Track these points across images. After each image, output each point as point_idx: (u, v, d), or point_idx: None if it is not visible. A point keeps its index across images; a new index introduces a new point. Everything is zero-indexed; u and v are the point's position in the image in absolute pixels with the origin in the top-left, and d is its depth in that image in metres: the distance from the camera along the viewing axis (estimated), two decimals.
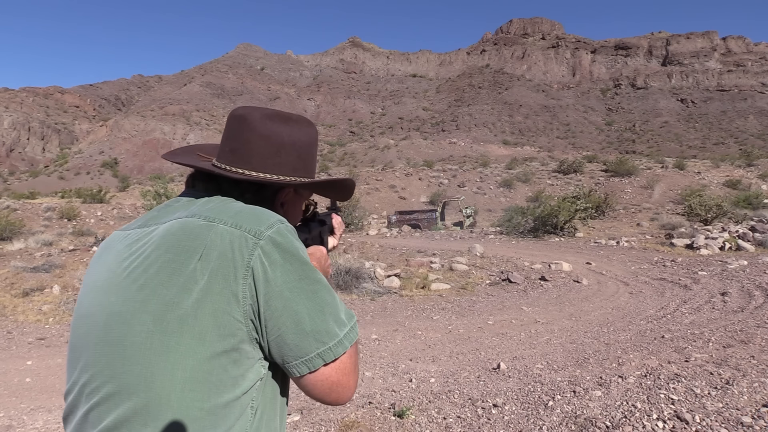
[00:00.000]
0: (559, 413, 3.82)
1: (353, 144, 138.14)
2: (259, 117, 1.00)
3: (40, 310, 8.48)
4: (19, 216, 23.16)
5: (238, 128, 1.01)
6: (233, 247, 0.86)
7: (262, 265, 0.86)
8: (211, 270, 0.84)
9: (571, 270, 11.14)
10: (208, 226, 0.89)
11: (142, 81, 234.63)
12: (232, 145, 1.01)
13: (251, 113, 1.01)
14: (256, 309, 0.85)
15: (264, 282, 0.85)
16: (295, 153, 1.03)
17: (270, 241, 0.87)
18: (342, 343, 0.89)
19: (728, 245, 13.29)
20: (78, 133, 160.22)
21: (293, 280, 0.87)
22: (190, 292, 0.84)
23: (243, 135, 1.00)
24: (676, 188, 33.72)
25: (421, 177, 43.43)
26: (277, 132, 1.01)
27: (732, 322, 6.52)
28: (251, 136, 1.00)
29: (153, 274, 0.87)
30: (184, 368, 0.82)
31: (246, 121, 1.00)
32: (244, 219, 0.90)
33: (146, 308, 0.85)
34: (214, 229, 0.88)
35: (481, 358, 5.64)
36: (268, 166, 1.00)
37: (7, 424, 4.22)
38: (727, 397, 3.84)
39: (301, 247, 0.92)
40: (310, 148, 1.06)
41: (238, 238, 0.87)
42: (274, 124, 1.01)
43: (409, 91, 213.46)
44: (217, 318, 0.83)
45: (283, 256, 0.88)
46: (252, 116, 1.00)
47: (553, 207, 17.74)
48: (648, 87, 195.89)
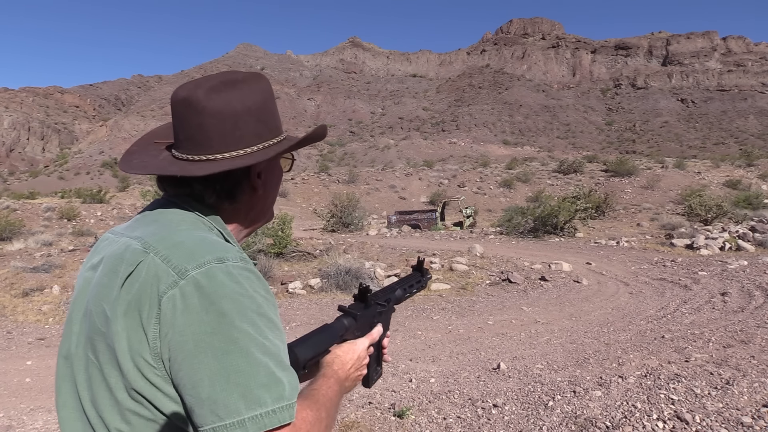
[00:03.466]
0: (559, 413, 3.82)
1: (353, 144, 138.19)
2: (203, 94, 0.89)
3: (40, 310, 8.48)
4: (19, 216, 23.17)
5: (186, 113, 0.91)
6: (155, 281, 0.77)
7: (173, 308, 0.75)
8: (128, 302, 0.78)
9: (571, 270, 11.13)
10: (143, 253, 0.81)
11: (142, 81, 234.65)
12: (187, 133, 0.92)
13: (194, 93, 0.90)
14: (163, 354, 0.76)
15: (171, 326, 0.75)
16: (253, 118, 0.93)
17: (192, 282, 0.76)
18: (244, 425, 0.70)
19: (728, 245, 13.29)
20: (78, 133, 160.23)
21: (203, 332, 0.73)
22: (107, 323, 0.80)
23: (194, 120, 0.90)
24: (676, 188, 33.73)
25: (421, 177, 43.44)
26: (227, 101, 0.90)
27: (732, 322, 6.52)
28: (203, 119, 0.89)
29: (92, 296, 0.85)
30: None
31: (192, 104, 0.89)
32: (177, 253, 0.79)
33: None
34: (146, 258, 0.80)
35: (481, 358, 5.63)
36: (230, 144, 0.90)
37: (7, 424, 4.22)
38: (727, 397, 3.83)
39: (237, 295, 0.76)
40: (267, 105, 0.96)
41: (163, 273, 0.78)
42: (221, 95, 0.90)
43: (409, 91, 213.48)
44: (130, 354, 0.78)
45: (201, 302, 0.75)
46: (196, 96, 0.89)
47: (553, 207, 17.73)
48: (648, 87, 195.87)
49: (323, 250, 13.25)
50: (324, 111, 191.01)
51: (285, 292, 9.68)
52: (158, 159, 0.95)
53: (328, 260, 11.16)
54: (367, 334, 1.10)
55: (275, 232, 12.34)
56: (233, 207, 0.96)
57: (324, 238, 17.51)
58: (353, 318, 1.08)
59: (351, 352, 1.03)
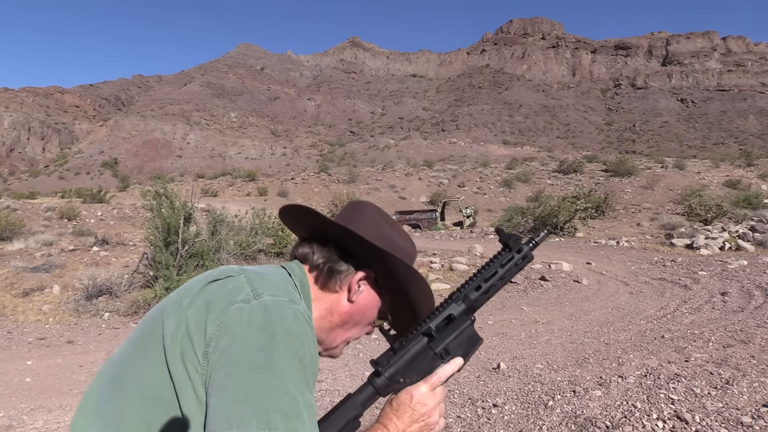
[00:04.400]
0: (559, 413, 3.82)
1: (353, 144, 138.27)
2: (371, 209, 1.07)
3: (40, 310, 8.48)
4: (19, 216, 23.16)
5: (349, 212, 1.07)
6: (233, 293, 0.86)
7: (237, 318, 0.81)
8: (204, 299, 0.86)
9: (571, 270, 11.14)
10: (236, 272, 0.91)
11: (142, 81, 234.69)
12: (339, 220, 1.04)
13: (366, 204, 1.09)
14: (212, 355, 0.81)
15: (229, 332, 0.80)
16: (390, 244, 1.02)
17: (262, 304, 0.83)
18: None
19: (728, 245, 13.29)
20: (78, 133, 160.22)
21: (251, 345, 0.78)
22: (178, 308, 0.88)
23: (353, 218, 1.04)
24: (676, 188, 33.73)
25: (421, 177, 43.44)
26: (381, 224, 1.04)
27: (732, 322, 6.52)
28: (360, 221, 1.03)
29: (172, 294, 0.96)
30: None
31: (359, 209, 1.07)
32: (262, 283, 0.89)
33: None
34: (236, 276, 0.90)
35: (481, 358, 5.64)
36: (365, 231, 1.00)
37: (7, 424, 4.22)
38: (727, 396, 3.84)
39: (293, 335, 0.81)
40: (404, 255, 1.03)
41: (242, 291, 0.86)
42: (382, 219, 1.06)
43: (409, 91, 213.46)
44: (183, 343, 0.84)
45: (262, 322, 0.81)
46: (366, 205, 1.08)
47: (553, 207, 17.74)
48: (648, 87, 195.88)
49: None
50: (324, 111, 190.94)
51: None
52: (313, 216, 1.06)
53: None
54: (426, 378, 0.92)
55: (275, 231, 12.34)
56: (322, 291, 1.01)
57: None
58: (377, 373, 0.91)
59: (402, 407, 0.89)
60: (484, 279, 0.96)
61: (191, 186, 30.08)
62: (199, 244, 9.46)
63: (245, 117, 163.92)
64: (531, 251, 0.98)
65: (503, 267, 0.97)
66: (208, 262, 9.43)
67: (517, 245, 0.98)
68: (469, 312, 0.95)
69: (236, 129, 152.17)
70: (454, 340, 0.92)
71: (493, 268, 0.97)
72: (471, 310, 0.95)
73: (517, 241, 0.98)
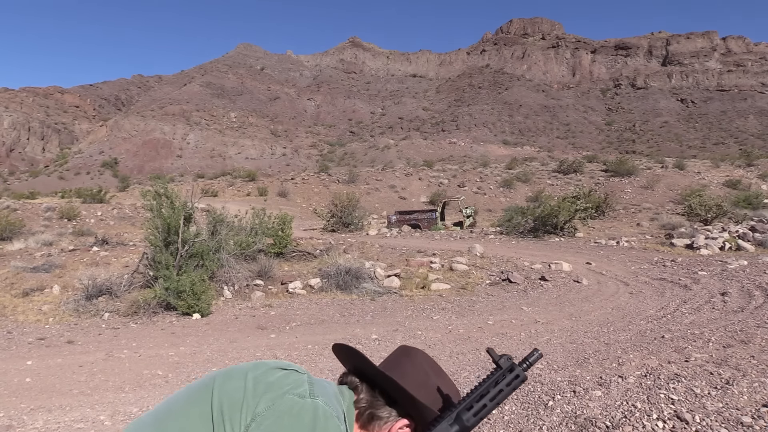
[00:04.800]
0: (559, 413, 3.82)
1: (353, 144, 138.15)
2: (420, 356, 1.13)
3: (40, 310, 8.47)
4: (19, 216, 23.15)
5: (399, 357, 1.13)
6: (290, 384, 0.95)
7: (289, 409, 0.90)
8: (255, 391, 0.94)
9: (571, 270, 11.13)
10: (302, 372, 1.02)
11: (142, 81, 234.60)
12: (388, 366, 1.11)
13: (416, 352, 1.14)
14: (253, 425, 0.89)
15: (275, 415, 0.89)
16: (433, 397, 1.05)
17: (313, 405, 0.92)
18: None
19: (728, 245, 13.28)
20: (78, 133, 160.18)
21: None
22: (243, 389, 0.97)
23: (402, 365, 1.10)
24: (676, 188, 33.72)
25: (421, 177, 43.43)
26: (428, 374, 1.09)
27: (732, 322, 6.52)
28: (409, 369, 1.08)
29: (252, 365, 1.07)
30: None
31: (409, 355, 1.13)
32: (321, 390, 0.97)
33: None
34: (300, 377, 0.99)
35: (481, 358, 5.64)
36: (409, 385, 1.04)
37: (7, 424, 4.22)
38: (727, 397, 3.84)
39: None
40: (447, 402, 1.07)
41: (300, 385, 0.96)
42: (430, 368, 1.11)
43: (409, 91, 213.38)
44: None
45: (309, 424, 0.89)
46: (416, 354, 1.13)
47: (553, 207, 17.73)
48: (648, 87, 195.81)
49: (323, 250, 13.25)
50: (324, 111, 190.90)
51: (285, 292, 9.68)
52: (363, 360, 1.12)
53: (328, 260, 11.17)
54: None
55: (275, 231, 12.34)
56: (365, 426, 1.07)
57: (324, 238, 17.51)
58: None
59: None
60: (476, 399, 0.95)
61: (191, 186, 30.07)
62: (199, 244, 9.45)
63: (245, 117, 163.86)
64: (524, 371, 0.97)
65: (496, 386, 0.96)
66: (208, 262, 9.43)
67: (508, 364, 0.97)
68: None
69: (236, 129, 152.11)
70: None
71: (485, 387, 0.96)
72: (463, 430, 0.94)
73: (509, 360, 0.97)
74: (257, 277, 10.22)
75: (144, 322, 8.03)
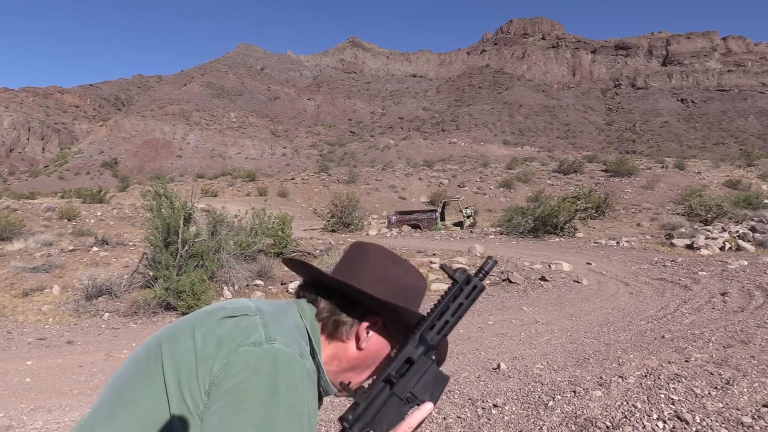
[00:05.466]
0: (559, 413, 3.82)
1: (353, 144, 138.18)
2: (374, 250, 1.06)
3: (40, 310, 8.47)
4: (19, 216, 23.15)
5: (353, 256, 1.07)
6: (246, 332, 0.86)
7: (244, 361, 0.82)
8: (217, 335, 0.87)
9: (571, 270, 11.13)
10: (252, 311, 0.92)
11: (142, 81, 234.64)
12: (343, 267, 1.06)
13: (369, 246, 1.08)
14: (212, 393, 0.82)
15: (232, 374, 0.81)
16: (395, 288, 1.02)
17: (272, 350, 0.84)
18: None
19: (728, 245, 13.28)
20: (78, 133, 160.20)
21: (251, 396, 0.79)
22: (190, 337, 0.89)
23: (356, 263, 1.04)
24: (676, 188, 33.73)
25: (421, 177, 43.43)
26: (385, 265, 1.04)
27: (732, 322, 6.52)
28: (364, 265, 1.03)
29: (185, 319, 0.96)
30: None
31: (362, 251, 1.06)
32: (278, 328, 0.89)
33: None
34: (251, 315, 0.90)
35: (481, 358, 5.63)
36: (366, 283, 1.00)
37: (7, 424, 4.22)
38: (728, 397, 3.83)
39: (295, 391, 0.81)
40: (411, 291, 1.05)
41: (256, 332, 0.86)
42: (386, 259, 1.05)
43: (409, 91, 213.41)
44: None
45: (268, 371, 0.81)
46: (369, 248, 1.07)
47: (553, 207, 17.72)
48: (648, 87, 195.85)
49: (323, 250, 13.25)
50: (324, 111, 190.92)
51: (285, 292, 9.68)
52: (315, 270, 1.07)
53: (328, 260, 11.17)
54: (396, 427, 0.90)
55: (275, 232, 12.34)
56: (330, 340, 1.02)
57: (324, 238, 17.51)
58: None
59: None
60: (437, 317, 0.96)
61: (191, 186, 30.06)
62: (198, 244, 9.45)
63: (245, 117, 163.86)
64: (481, 281, 0.98)
65: (455, 301, 0.97)
66: (207, 263, 9.43)
67: (464, 277, 0.98)
68: (428, 352, 0.95)
69: (236, 129, 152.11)
70: (417, 383, 0.91)
71: (444, 304, 0.97)
72: (429, 350, 0.95)
73: (464, 272, 0.99)
74: (257, 277, 10.22)
75: (144, 323, 8.03)
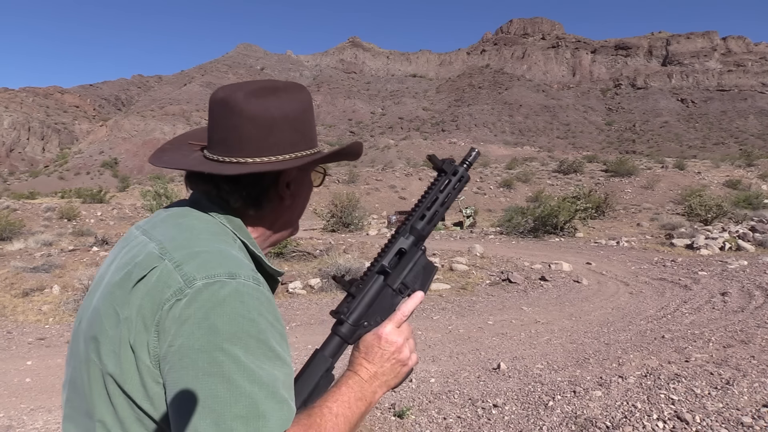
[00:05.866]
0: (559, 413, 3.82)
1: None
2: (243, 97, 0.88)
3: (40, 310, 8.48)
4: (19, 216, 23.16)
5: (223, 114, 0.90)
6: (164, 287, 0.75)
7: (172, 317, 0.72)
8: (137, 306, 0.76)
9: (571, 270, 11.13)
10: (158, 258, 0.79)
11: (142, 81, 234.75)
12: (221, 134, 0.91)
13: (233, 95, 0.89)
14: (160, 362, 0.74)
15: (167, 333, 0.72)
16: (289, 126, 0.90)
17: (195, 293, 0.73)
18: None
19: (728, 245, 13.29)
20: (78, 133, 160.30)
21: (191, 347, 0.70)
22: (116, 324, 0.78)
23: (230, 121, 0.89)
24: (676, 188, 33.75)
25: (421, 177, 43.45)
26: (266, 107, 0.88)
27: (732, 322, 6.52)
28: (238, 121, 0.88)
29: (103, 295, 0.83)
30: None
31: (229, 105, 0.89)
32: (191, 262, 0.77)
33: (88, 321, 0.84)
34: (160, 264, 0.78)
35: (481, 358, 5.63)
36: (263, 149, 0.88)
37: (7, 424, 4.22)
38: (728, 397, 3.84)
39: (237, 316, 0.72)
40: (305, 116, 0.94)
41: (172, 281, 0.75)
42: (260, 100, 0.88)
43: (409, 91, 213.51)
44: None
45: (197, 315, 0.71)
46: (235, 98, 0.88)
47: (553, 207, 17.72)
48: (648, 87, 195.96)
49: (323, 250, 13.25)
50: (324, 111, 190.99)
51: (285, 292, 9.68)
52: (189, 158, 0.95)
53: (328, 260, 11.17)
54: (390, 317, 0.88)
55: None
56: (258, 214, 0.93)
57: (324, 238, 17.51)
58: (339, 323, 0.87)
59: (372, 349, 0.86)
60: (427, 207, 0.96)
61: None
62: None
63: None
64: (466, 171, 0.99)
65: (443, 192, 0.97)
66: None
67: (451, 168, 0.98)
68: (419, 242, 0.94)
69: None
70: (409, 273, 0.91)
71: (434, 194, 0.97)
72: (420, 240, 0.94)
73: (451, 164, 0.98)
74: None
75: None
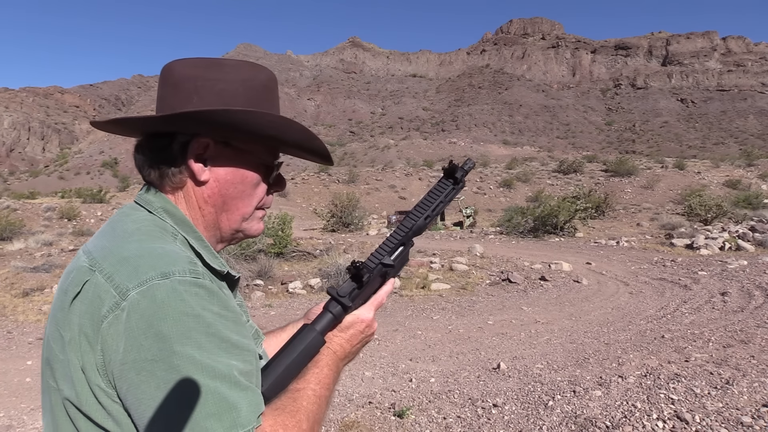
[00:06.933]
0: (559, 413, 3.82)
1: (353, 144, 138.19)
2: (181, 64, 0.85)
3: (40, 310, 8.48)
4: (19, 216, 23.17)
5: (162, 79, 0.86)
6: (99, 303, 0.71)
7: (114, 333, 0.68)
8: (78, 325, 0.72)
9: (571, 270, 11.13)
10: (89, 272, 0.74)
11: (142, 81, 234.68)
12: (158, 95, 0.87)
13: (175, 62, 0.86)
14: (113, 381, 0.70)
15: (114, 352, 0.69)
16: (211, 94, 0.82)
17: (131, 303, 0.68)
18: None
19: (728, 245, 13.29)
20: (78, 133, 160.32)
21: (143, 359, 0.67)
22: (63, 348, 0.74)
23: (165, 86, 0.85)
24: (676, 188, 33.75)
25: (421, 177, 43.46)
26: (196, 75, 0.83)
27: (732, 322, 6.53)
28: (169, 90, 0.85)
29: (50, 318, 0.78)
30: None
31: (169, 70, 0.85)
32: (121, 270, 0.72)
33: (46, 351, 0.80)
34: (92, 277, 0.73)
35: (481, 358, 5.64)
36: (176, 108, 0.82)
37: (7, 424, 4.22)
38: (727, 397, 3.84)
39: (180, 315, 0.68)
40: (240, 89, 0.84)
41: (105, 295, 0.70)
42: (195, 68, 0.83)
43: (409, 91, 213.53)
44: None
45: (140, 325, 0.67)
46: (175, 64, 0.85)
47: (553, 207, 17.73)
48: (648, 87, 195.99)
49: (323, 250, 13.26)
50: (324, 111, 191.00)
51: (285, 292, 9.69)
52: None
53: (328, 260, 11.17)
54: (371, 300, 0.91)
55: (275, 232, 12.35)
56: (176, 194, 0.86)
57: (324, 238, 17.51)
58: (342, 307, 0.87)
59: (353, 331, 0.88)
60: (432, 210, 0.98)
61: None
62: None
63: None
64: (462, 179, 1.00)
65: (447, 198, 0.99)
66: None
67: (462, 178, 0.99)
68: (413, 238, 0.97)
69: None
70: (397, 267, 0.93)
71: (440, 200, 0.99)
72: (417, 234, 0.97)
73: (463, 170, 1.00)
74: (257, 277, 10.22)
75: None
